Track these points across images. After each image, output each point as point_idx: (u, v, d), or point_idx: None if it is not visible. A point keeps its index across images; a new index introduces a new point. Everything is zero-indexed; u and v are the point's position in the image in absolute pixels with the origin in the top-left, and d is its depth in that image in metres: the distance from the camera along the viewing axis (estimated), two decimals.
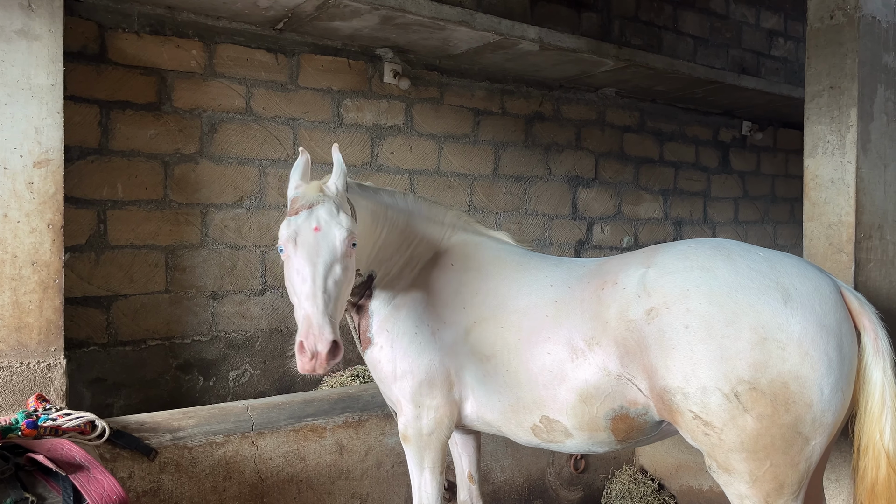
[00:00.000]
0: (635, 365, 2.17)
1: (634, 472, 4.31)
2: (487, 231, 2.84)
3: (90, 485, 2.29)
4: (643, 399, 2.19)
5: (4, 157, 3.11)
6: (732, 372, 1.97)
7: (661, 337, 2.08)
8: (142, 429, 3.02)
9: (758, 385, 1.95)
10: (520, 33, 4.79)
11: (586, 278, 2.40)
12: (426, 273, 2.67)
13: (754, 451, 1.99)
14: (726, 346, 1.98)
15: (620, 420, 2.26)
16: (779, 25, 7.64)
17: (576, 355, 2.27)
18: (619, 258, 2.43)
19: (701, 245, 2.25)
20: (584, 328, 2.27)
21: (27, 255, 3.16)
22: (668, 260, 2.22)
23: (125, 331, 4.15)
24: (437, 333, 2.55)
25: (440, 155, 5.42)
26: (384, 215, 2.63)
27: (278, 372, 4.69)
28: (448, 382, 2.55)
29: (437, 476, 2.67)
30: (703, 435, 2.05)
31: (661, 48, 6.51)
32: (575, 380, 2.27)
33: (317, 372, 2.14)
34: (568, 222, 6.23)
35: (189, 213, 4.34)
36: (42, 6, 3.20)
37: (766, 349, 1.95)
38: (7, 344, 3.12)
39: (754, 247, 2.23)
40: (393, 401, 2.74)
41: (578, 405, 2.28)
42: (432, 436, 2.60)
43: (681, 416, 2.08)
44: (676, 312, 2.07)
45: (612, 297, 2.24)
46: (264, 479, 3.18)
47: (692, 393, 2.02)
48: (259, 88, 4.59)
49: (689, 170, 7.17)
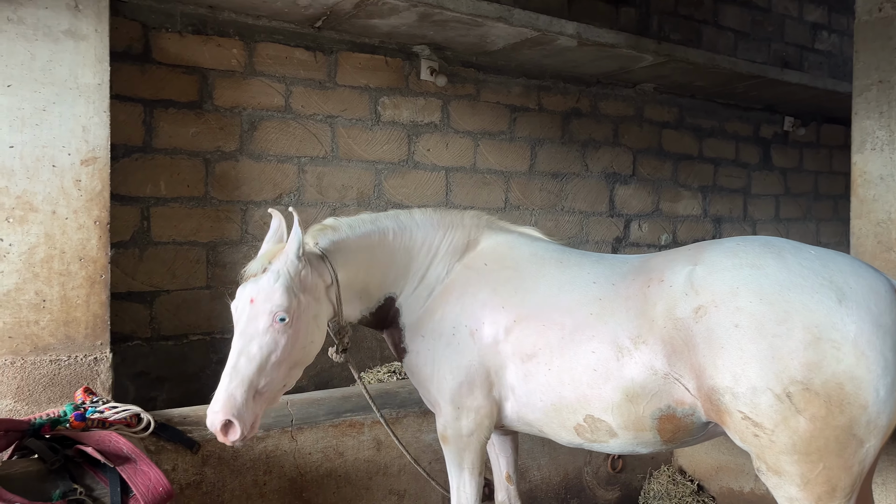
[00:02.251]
0: (682, 364, 2.13)
1: (673, 472, 4.24)
2: (515, 227, 2.79)
3: (137, 477, 2.33)
4: (690, 399, 2.15)
5: (53, 154, 3.18)
6: (784, 372, 1.92)
7: (709, 336, 2.04)
8: (185, 422, 3.06)
9: (811, 386, 1.90)
10: (558, 29, 4.75)
11: (631, 275, 2.36)
12: (457, 276, 2.64)
13: (807, 453, 1.94)
14: (778, 346, 1.93)
15: (667, 420, 2.22)
16: (822, 18, 7.46)
17: (621, 354, 2.24)
18: (664, 255, 2.38)
19: (750, 242, 2.20)
20: (630, 326, 2.24)
21: (75, 251, 3.23)
22: (716, 257, 2.17)
23: (167, 326, 4.23)
24: (476, 334, 2.53)
25: (476, 152, 5.41)
26: (384, 243, 2.59)
27: (316, 367, 4.72)
28: (488, 383, 2.53)
29: (476, 477, 2.64)
30: (753, 436, 2.01)
31: (701, 43, 6.40)
32: (621, 378, 2.23)
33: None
34: (605, 219, 6.17)
35: (229, 209, 4.39)
36: (88, 7, 3.27)
37: (819, 349, 1.90)
38: (56, 338, 3.19)
39: (804, 244, 2.18)
40: (432, 402, 2.73)
41: (624, 404, 2.25)
42: (472, 437, 2.58)
43: (729, 416, 2.04)
44: (726, 311, 2.03)
45: (659, 295, 2.20)
46: (303, 474, 3.20)
47: (742, 393, 1.98)
48: (298, 86, 4.63)
49: (728, 166, 7.04)
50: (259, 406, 2.27)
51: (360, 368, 4.84)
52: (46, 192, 3.17)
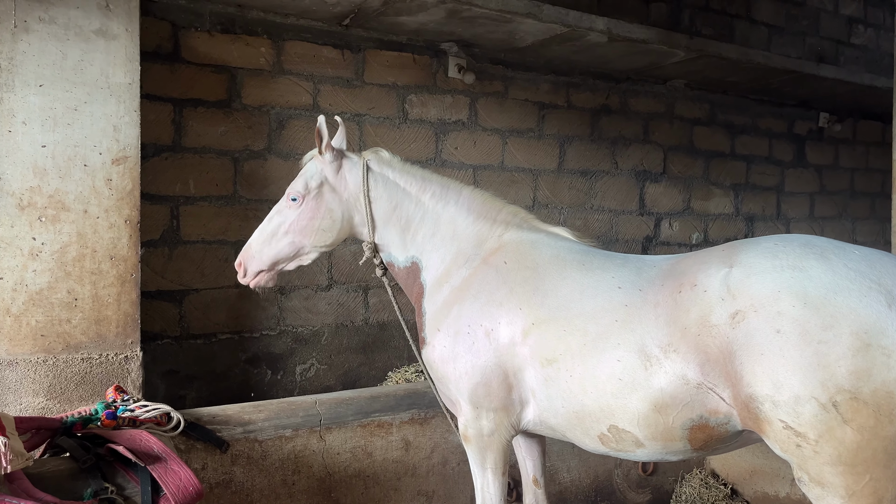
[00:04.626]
0: (717, 373, 2.05)
1: (705, 476, 4.16)
2: (546, 227, 2.74)
3: (167, 476, 2.33)
4: (725, 408, 2.08)
5: (85, 154, 3.20)
6: (831, 380, 1.84)
7: (748, 342, 1.97)
8: (214, 421, 3.06)
9: (859, 395, 1.82)
10: (588, 24, 4.68)
11: (659, 280, 2.27)
12: (477, 271, 2.60)
13: (853, 464, 1.86)
14: (824, 353, 1.85)
15: (699, 430, 2.15)
16: (858, 12, 7.27)
17: (650, 363, 2.16)
18: (695, 256, 2.28)
19: (789, 242, 2.10)
20: (660, 334, 2.16)
21: (106, 250, 3.25)
22: (753, 259, 2.08)
23: (196, 324, 4.25)
24: (492, 334, 2.47)
25: (504, 149, 5.35)
26: (417, 201, 2.77)
27: (344, 367, 4.72)
28: (506, 384, 2.48)
29: (500, 477, 2.60)
30: (795, 447, 1.93)
31: (734, 37, 6.27)
32: (648, 389, 2.16)
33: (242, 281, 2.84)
34: (635, 218, 6.07)
35: (258, 208, 4.39)
36: (119, 6, 3.28)
37: (869, 356, 1.82)
38: (87, 336, 3.21)
39: (848, 244, 2.08)
40: (452, 401, 2.69)
41: (651, 415, 2.17)
42: (493, 436, 2.54)
43: (769, 425, 1.96)
44: (766, 315, 1.95)
45: (692, 301, 2.12)
46: (332, 474, 3.19)
47: (783, 402, 1.91)
48: (325, 84, 4.62)
49: (761, 164, 6.90)
50: (263, 264, 2.80)
51: (387, 368, 4.83)
52: (78, 191, 3.19)
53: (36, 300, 3.13)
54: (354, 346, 4.75)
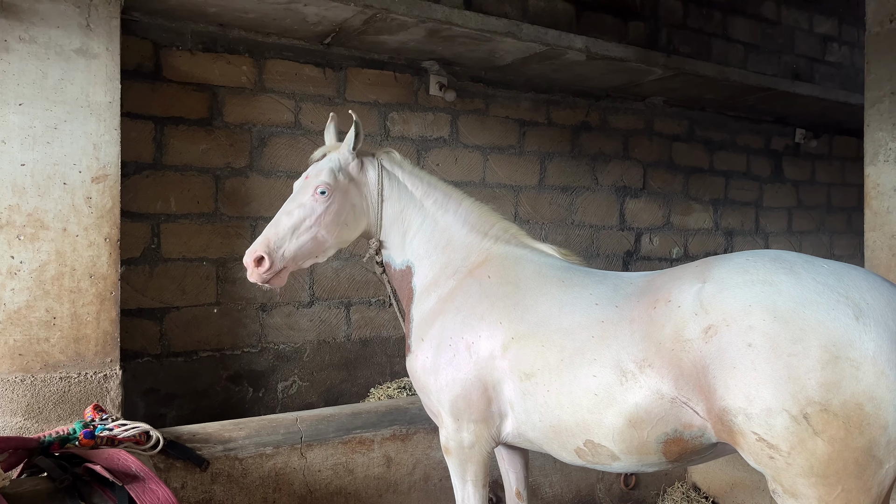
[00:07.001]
0: (691, 387, 2.08)
1: (687, 489, 4.19)
2: (533, 243, 2.78)
3: (145, 495, 2.32)
4: (700, 421, 2.11)
5: (64, 172, 3.20)
6: (801, 392, 1.88)
7: (720, 356, 2.00)
8: (194, 439, 3.05)
9: (830, 406, 1.85)
10: (566, 43, 4.75)
11: (635, 296, 2.31)
12: (462, 283, 2.64)
13: (825, 475, 1.89)
14: (794, 365, 1.89)
15: (674, 443, 2.17)
16: (833, 30, 7.42)
17: (625, 378, 2.18)
18: (670, 273, 2.32)
19: (760, 257, 2.13)
20: (635, 349, 2.19)
21: (85, 268, 3.24)
22: (725, 274, 2.12)
23: (177, 342, 4.23)
24: (472, 347, 2.51)
25: (485, 166, 5.40)
26: (420, 206, 2.78)
27: (326, 384, 4.71)
28: (486, 397, 2.51)
29: (481, 489, 2.62)
30: (768, 458, 1.96)
31: (711, 55, 6.38)
32: (624, 404, 2.18)
33: (251, 279, 2.68)
34: (615, 233, 6.13)
35: (239, 225, 4.40)
36: (100, 26, 3.29)
37: (838, 368, 1.85)
38: (66, 355, 3.19)
39: (817, 258, 2.12)
40: (434, 412, 2.72)
41: (627, 430, 2.20)
42: (473, 448, 2.56)
43: (743, 438, 1.99)
44: (737, 329, 1.98)
45: (667, 317, 2.15)
46: (313, 491, 3.18)
47: (756, 414, 1.93)
48: (307, 102, 4.64)
49: (740, 179, 7.00)
50: (285, 259, 2.69)
51: (369, 384, 4.82)
52: (57, 209, 3.19)
53: (14, 319, 3.11)
54: (336, 362, 4.74)
